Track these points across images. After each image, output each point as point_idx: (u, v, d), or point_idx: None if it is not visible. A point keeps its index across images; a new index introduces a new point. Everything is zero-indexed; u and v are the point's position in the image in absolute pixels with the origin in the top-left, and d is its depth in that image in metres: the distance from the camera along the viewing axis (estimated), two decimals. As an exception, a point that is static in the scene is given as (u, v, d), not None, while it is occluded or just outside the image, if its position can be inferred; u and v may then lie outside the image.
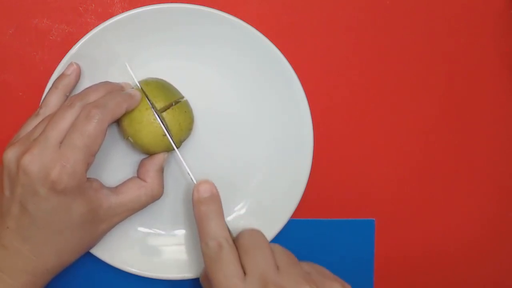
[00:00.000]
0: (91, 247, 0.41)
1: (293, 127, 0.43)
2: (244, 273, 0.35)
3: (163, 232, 0.44)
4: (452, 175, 0.48)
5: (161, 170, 0.41)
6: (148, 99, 0.40)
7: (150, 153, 0.41)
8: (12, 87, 0.44)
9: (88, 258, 0.42)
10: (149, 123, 0.39)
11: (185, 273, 0.43)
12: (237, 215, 0.44)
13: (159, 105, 0.40)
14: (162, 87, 0.41)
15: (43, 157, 0.35)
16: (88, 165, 0.36)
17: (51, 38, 0.44)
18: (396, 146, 0.47)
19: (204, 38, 0.43)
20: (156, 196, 0.41)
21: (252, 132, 0.44)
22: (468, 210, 0.48)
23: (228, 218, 0.44)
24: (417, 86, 0.47)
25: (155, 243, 0.44)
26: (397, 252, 0.48)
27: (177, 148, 0.41)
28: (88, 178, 0.37)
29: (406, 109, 0.47)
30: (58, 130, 0.36)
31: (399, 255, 0.48)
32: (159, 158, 0.41)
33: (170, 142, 0.40)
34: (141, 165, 0.41)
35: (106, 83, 0.40)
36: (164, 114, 0.40)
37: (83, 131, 0.35)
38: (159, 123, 0.39)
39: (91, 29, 0.41)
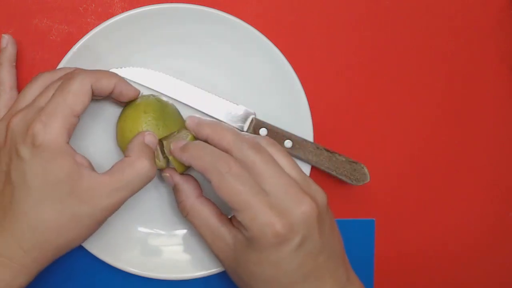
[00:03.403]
0: (76, 238, 0.36)
1: (293, 127, 0.43)
2: None
3: (163, 232, 0.44)
4: (452, 175, 0.48)
5: (149, 149, 0.37)
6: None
7: None
8: (12, 87, 0.44)
9: (88, 258, 0.42)
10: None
11: (185, 273, 0.43)
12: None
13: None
14: (160, 118, 0.40)
15: (27, 115, 0.35)
16: (69, 124, 0.35)
17: (51, 38, 0.44)
18: (396, 146, 0.47)
19: (204, 38, 0.43)
20: (149, 177, 0.37)
21: (252, 132, 0.44)
22: (468, 210, 0.48)
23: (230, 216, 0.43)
24: (417, 86, 0.47)
25: (155, 243, 0.44)
26: (397, 252, 0.48)
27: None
28: (75, 151, 0.35)
29: (406, 109, 0.47)
30: (45, 96, 0.36)
31: (399, 255, 0.48)
32: (143, 134, 0.38)
33: (158, 162, 0.40)
34: (129, 143, 0.38)
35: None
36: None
37: (63, 88, 0.35)
38: None
39: (91, 29, 0.41)
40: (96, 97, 0.38)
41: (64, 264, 0.44)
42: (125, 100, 0.40)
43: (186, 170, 0.40)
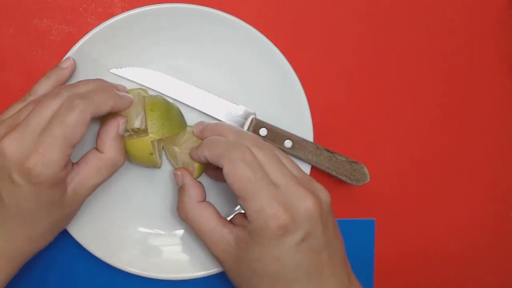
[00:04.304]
0: (62, 229, 0.40)
1: (293, 127, 0.43)
2: None
3: (163, 232, 0.44)
4: (452, 175, 0.48)
5: (118, 138, 0.39)
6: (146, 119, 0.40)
7: (134, 162, 0.42)
8: (12, 87, 0.44)
9: (88, 258, 0.42)
10: (141, 138, 0.39)
11: (185, 273, 0.43)
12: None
13: (152, 137, 0.39)
14: (166, 118, 0.40)
15: (22, 142, 0.34)
16: (66, 156, 0.35)
17: (51, 38, 0.44)
18: (396, 146, 0.47)
19: (204, 38, 0.43)
20: (116, 166, 0.39)
21: (252, 132, 0.44)
22: (468, 210, 0.48)
23: (229, 219, 0.43)
24: (417, 86, 0.47)
25: (155, 243, 0.44)
26: (397, 251, 0.48)
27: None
28: (65, 167, 0.36)
29: (406, 108, 0.47)
30: (41, 117, 0.35)
31: (399, 254, 0.48)
32: (113, 125, 0.39)
33: (156, 160, 0.40)
34: (97, 135, 0.39)
35: (100, 79, 0.40)
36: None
37: (63, 120, 0.34)
38: (150, 144, 0.39)
39: (91, 29, 0.41)
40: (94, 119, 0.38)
41: (64, 264, 0.44)
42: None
43: (200, 175, 0.41)
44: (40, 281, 0.44)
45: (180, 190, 0.40)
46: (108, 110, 0.37)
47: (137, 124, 0.40)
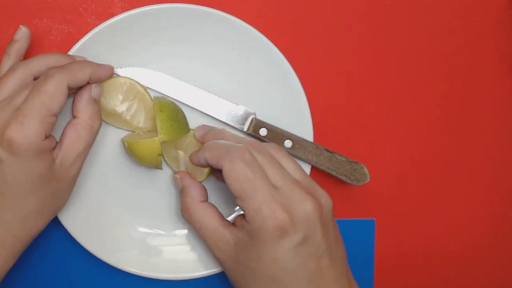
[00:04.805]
0: (58, 211, 0.40)
1: (293, 127, 0.43)
2: None
3: (163, 232, 0.44)
4: (452, 175, 0.48)
5: (92, 101, 0.38)
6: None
7: (137, 162, 0.42)
8: (12, 87, 0.44)
9: (88, 258, 0.42)
10: (150, 138, 0.39)
11: (185, 273, 0.43)
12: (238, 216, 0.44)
13: (162, 138, 0.39)
14: (174, 119, 0.40)
15: (3, 117, 0.34)
16: (47, 124, 0.35)
17: (51, 38, 0.44)
18: (396, 146, 0.47)
19: (204, 38, 0.43)
20: (93, 128, 0.38)
21: (252, 132, 0.44)
22: (468, 210, 0.48)
23: (229, 219, 0.43)
24: (417, 86, 0.47)
25: (155, 243, 0.44)
26: (397, 251, 0.48)
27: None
28: (49, 140, 0.36)
29: (406, 108, 0.47)
30: (23, 95, 0.35)
31: (399, 254, 0.48)
32: (86, 89, 0.38)
33: (162, 161, 0.40)
34: (72, 103, 0.39)
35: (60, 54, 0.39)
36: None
37: (40, 89, 0.35)
38: (159, 145, 0.39)
39: (91, 29, 0.41)
40: (74, 90, 0.38)
41: (64, 264, 0.44)
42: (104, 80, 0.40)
43: (204, 179, 0.42)
44: (39, 280, 0.44)
45: (181, 192, 0.40)
46: (86, 79, 0.37)
47: (122, 108, 0.41)
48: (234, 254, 0.37)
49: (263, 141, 0.43)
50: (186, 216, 0.40)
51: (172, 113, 0.40)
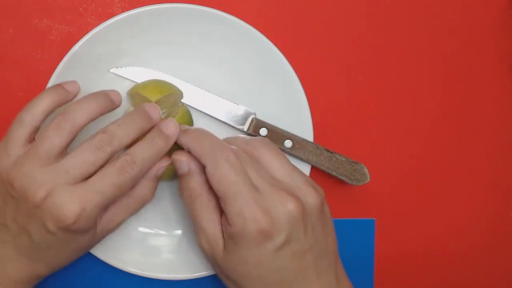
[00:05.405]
0: (80, 255, 0.40)
1: (293, 127, 0.43)
2: None
3: (163, 232, 0.44)
4: (452, 175, 0.48)
5: (155, 179, 0.39)
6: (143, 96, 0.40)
7: None
8: (12, 87, 0.44)
9: (88, 258, 0.42)
10: None
11: (185, 273, 0.43)
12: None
13: (154, 97, 0.39)
14: (157, 83, 0.41)
15: (62, 194, 0.33)
16: (104, 208, 0.36)
17: (51, 38, 0.44)
18: (396, 146, 0.47)
19: (204, 38, 0.43)
20: (145, 202, 0.39)
21: (252, 132, 0.44)
22: (468, 210, 0.48)
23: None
24: (417, 86, 0.47)
25: (155, 243, 0.44)
26: (397, 251, 0.48)
27: None
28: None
29: (406, 108, 0.47)
30: (82, 169, 0.34)
31: (399, 254, 0.48)
32: (154, 168, 0.38)
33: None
34: None
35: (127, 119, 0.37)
36: None
37: (113, 181, 0.34)
38: None
39: (91, 29, 0.41)
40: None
41: (64, 264, 0.44)
42: None
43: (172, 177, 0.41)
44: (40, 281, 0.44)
45: (185, 175, 0.37)
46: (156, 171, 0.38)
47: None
48: (222, 255, 0.36)
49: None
50: (189, 199, 0.37)
51: (153, 81, 0.41)
